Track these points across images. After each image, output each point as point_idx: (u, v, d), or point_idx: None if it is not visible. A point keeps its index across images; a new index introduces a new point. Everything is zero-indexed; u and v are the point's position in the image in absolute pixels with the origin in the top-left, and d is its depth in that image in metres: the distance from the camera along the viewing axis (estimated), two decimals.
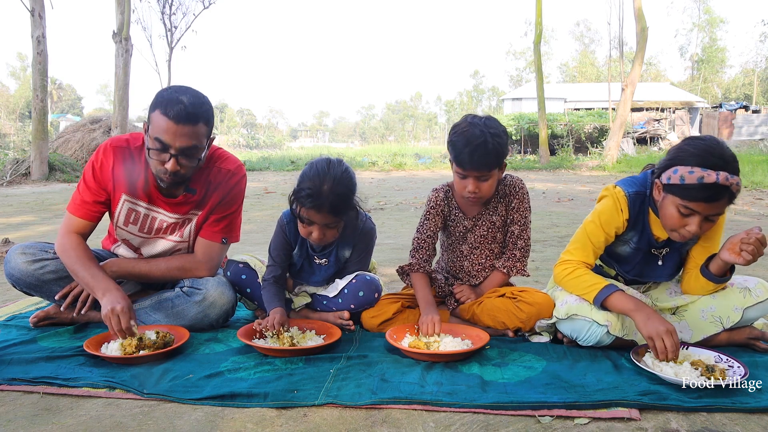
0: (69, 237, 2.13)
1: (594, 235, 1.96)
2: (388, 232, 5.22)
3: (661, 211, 1.81)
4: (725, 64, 50.90)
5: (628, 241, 1.99)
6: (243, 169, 2.28)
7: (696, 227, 1.72)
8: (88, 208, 2.16)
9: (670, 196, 1.74)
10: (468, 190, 2.09)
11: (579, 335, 1.92)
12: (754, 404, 1.50)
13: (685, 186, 1.68)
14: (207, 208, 2.22)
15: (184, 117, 1.92)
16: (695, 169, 1.66)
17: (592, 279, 1.91)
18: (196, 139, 1.98)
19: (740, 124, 26.69)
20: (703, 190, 1.66)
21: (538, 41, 19.33)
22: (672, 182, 1.71)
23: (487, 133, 2.02)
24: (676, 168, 1.71)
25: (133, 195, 2.17)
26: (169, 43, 22.24)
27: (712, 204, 1.68)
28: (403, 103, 78.82)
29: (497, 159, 2.06)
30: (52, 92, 48.33)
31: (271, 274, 2.26)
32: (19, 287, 2.18)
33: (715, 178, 1.63)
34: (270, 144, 47.36)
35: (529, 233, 2.29)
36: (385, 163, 19.07)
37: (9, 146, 20.01)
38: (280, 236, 2.27)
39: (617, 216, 1.92)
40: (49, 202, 8.27)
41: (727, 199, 1.68)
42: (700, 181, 1.65)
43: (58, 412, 1.53)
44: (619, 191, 1.92)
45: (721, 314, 1.91)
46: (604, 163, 16.61)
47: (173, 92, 1.96)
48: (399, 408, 1.53)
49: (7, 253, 2.20)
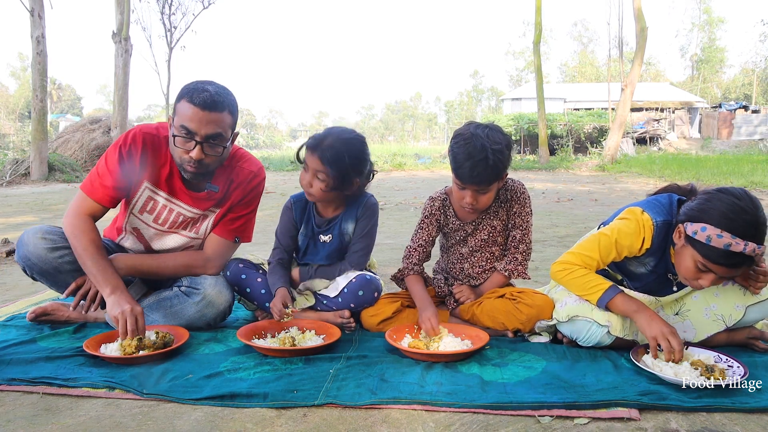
0: (80, 219, 2.07)
1: (605, 249, 1.89)
2: (388, 232, 5.22)
3: (678, 258, 1.77)
4: (725, 64, 50.95)
5: (644, 263, 1.96)
6: (264, 171, 2.30)
7: (708, 283, 1.71)
8: (106, 192, 2.09)
9: (691, 249, 1.69)
10: (466, 201, 2.09)
11: (579, 336, 1.92)
12: (754, 404, 1.50)
13: (710, 247, 1.63)
14: (226, 206, 2.23)
15: (210, 104, 1.94)
16: (725, 234, 1.60)
17: (594, 280, 1.89)
18: (221, 127, 1.99)
19: (739, 124, 26.72)
20: (726, 257, 1.62)
21: (538, 41, 19.34)
22: (697, 238, 1.65)
23: (489, 148, 1.99)
24: (704, 226, 1.64)
25: (155, 184, 2.15)
26: (168, 43, 22.24)
27: (731, 269, 1.66)
28: (402, 103, 78.82)
29: (497, 174, 2.04)
30: (52, 92, 48.27)
31: (276, 256, 2.34)
32: (31, 273, 2.12)
33: (743, 248, 1.59)
34: (270, 144, 47.38)
35: (531, 237, 2.29)
36: (384, 163, 19.05)
37: (8, 146, 20.02)
38: (286, 217, 2.37)
39: (636, 242, 1.85)
40: (48, 203, 8.27)
41: (747, 265, 1.67)
42: (726, 248, 1.60)
43: (57, 412, 1.53)
44: (647, 219, 1.84)
45: (723, 312, 1.91)
46: (604, 163, 16.61)
47: (199, 83, 1.99)
48: (399, 408, 1.53)
49: (23, 235, 2.12)
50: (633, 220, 1.86)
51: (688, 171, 12.71)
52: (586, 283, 1.89)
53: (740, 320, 1.90)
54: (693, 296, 1.98)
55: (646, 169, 14.28)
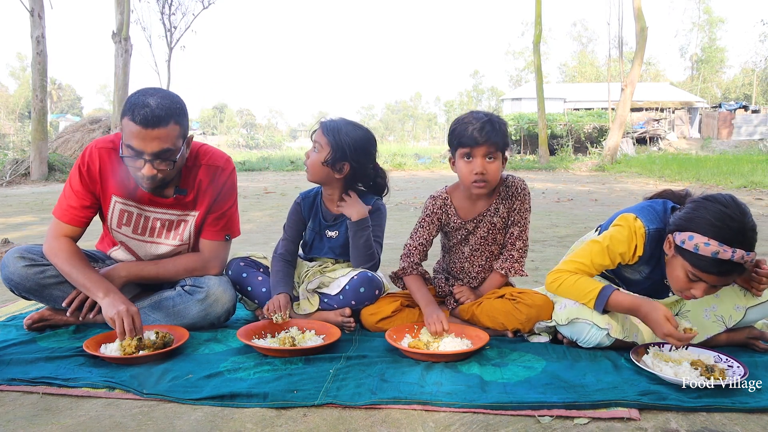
0: (57, 240, 2.09)
1: (598, 257, 1.89)
2: (388, 232, 5.19)
3: (669, 268, 1.78)
4: (725, 64, 50.93)
5: (638, 270, 1.96)
6: (231, 162, 2.27)
7: (701, 293, 1.71)
8: (75, 213, 2.11)
9: (681, 259, 1.70)
10: (476, 172, 2.06)
11: (579, 337, 1.92)
12: (754, 404, 1.50)
13: (698, 256, 1.64)
14: (203, 208, 2.21)
15: (152, 120, 1.86)
16: (712, 242, 1.61)
17: (587, 284, 1.87)
18: (169, 141, 1.92)
19: (739, 124, 26.73)
20: (715, 265, 1.63)
21: (538, 41, 19.33)
22: (685, 247, 1.67)
23: (491, 115, 2.12)
24: (692, 234, 1.65)
25: (124, 196, 2.14)
26: (168, 43, 22.24)
27: (722, 277, 1.67)
28: (402, 103, 78.80)
29: (503, 139, 2.08)
30: (52, 92, 48.28)
31: (283, 248, 2.37)
32: (18, 292, 2.14)
33: (731, 255, 1.59)
34: (270, 144, 47.29)
35: (528, 234, 2.29)
36: (384, 163, 19.06)
37: (8, 146, 20.01)
38: (295, 213, 2.42)
39: (628, 249, 1.85)
40: (48, 203, 8.26)
41: (738, 273, 1.67)
42: (714, 256, 1.61)
43: (57, 412, 1.53)
44: (640, 226, 1.84)
45: (723, 313, 1.91)
46: (604, 163, 16.61)
47: (140, 96, 1.89)
48: (398, 408, 1.53)
49: (4, 258, 2.15)
50: (625, 227, 1.85)
51: (687, 171, 12.71)
52: (579, 289, 1.88)
53: (740, 321, 1.90)
54: None
55: (646, 169, 14.29)
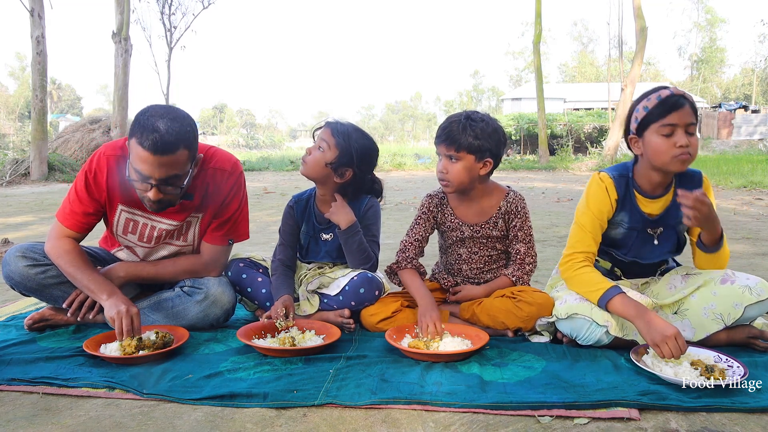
0: (60, 241, 2.09)
1: (589, 222, 2.01)
2: (388, 232, 5.21)
3: (649, 152, 1.91)
4: (724, 64, 50.94)
5: (620, 222, 2.04)
6: (239, 165, 2.24)
7: (684, 138, 1.84)
8: (77, 219, 2.10)
9: (647, 131, 1.90)
10: (438, 169, 2.15)
11: (578, 334, 1.92)
12: (754, 404, 1.50)
13: (652, 111, 1.87)
14: (209, 211, 2.20)
15: (161, 147, 1.81)
16: (650, 96, 1.89)
17: (597, 279, 1.93)
18: (177, 167, 1.90)
19: (739, 124, 26.70)
20: (667, 104, 1.85)
21: (538, 41, 19.31)
22: (641, 118, 1.90)
23: (470, 116, 2.10)
24: (636, 108, 1.93)
25: (130, 205, 2.13)
26: (168, 43, 22.24)
27: (681, 111, 1.84)
28: (402, 103, 78.82)
29: (470, 141, 2.05)
30: (52, 92, 48.28)
31: (281, 254, 2.37)
32: (18, 290, 2.15)
33: (669, 92, 1.86)
34: (269, 144, 47.29)
35: (535, 250, 2.30)
36: (384, 163, 19.05)
37: (8, 146, 20.00)
38: (288, 217, 2.41)
39: (605, 198, 2.00)
40: (48, 203, 8.26)
41: (690, 107, 1.85)
42: (660, 99, 1.86)
43: (57, 412, 1.53)
44: (604, 175, 2.03)
45: (722, 311, 1.91)
46: (604, 163, 16.61)
47: (149, 117, 1.84)
48: (398, 408, 1.53)
49: (5, 255, 2.16)
50: (593, 182, 2.05)
51: None
52: (589, 281, 1.93)
53: (739, 318, 1.90)
54: (692, 296, 1.98)
55: None
